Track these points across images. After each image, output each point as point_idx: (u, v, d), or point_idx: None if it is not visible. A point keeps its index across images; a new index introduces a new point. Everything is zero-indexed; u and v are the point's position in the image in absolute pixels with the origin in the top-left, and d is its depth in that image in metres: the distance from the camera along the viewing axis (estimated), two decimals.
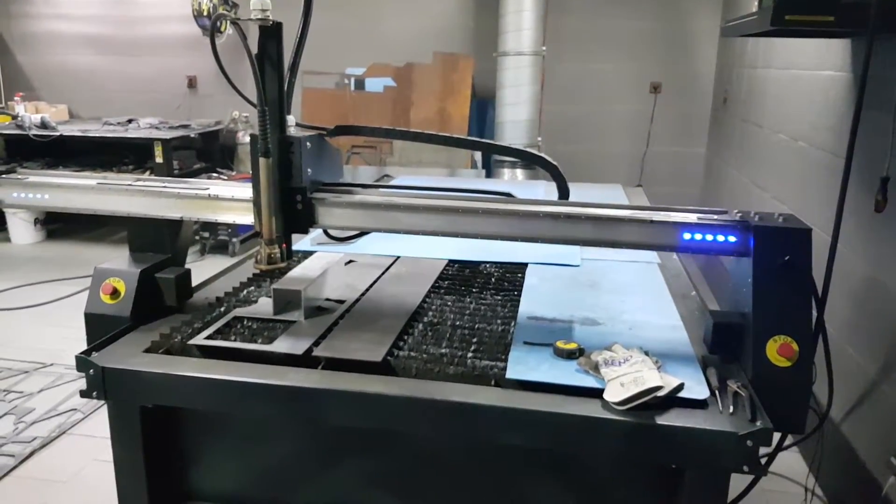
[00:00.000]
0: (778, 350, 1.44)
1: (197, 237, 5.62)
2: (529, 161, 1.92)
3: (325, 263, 1.98)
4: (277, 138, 1.61)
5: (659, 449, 1.33)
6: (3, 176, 1.91)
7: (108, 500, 1.65)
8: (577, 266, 2.32)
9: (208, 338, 1.61)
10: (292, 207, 1.66)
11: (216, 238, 5.70)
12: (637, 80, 6.07)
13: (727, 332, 1.58)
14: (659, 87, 6.07)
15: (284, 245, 1.67)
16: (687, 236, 1.56)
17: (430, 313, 1.85)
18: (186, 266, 1.91)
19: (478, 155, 5.68)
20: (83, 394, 1.47)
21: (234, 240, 5.70)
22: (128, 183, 1.84)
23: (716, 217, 1.58)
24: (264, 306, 1.80)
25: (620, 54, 6.05)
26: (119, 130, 5.99)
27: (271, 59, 1.59)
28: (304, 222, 1.69)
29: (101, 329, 1.66)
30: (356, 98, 5.70)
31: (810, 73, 3.32)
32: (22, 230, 6.10)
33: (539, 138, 5.58)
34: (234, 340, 1.60)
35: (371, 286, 2.04)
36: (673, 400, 1.37)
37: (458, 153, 5.48)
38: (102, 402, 1.51)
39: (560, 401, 1.38)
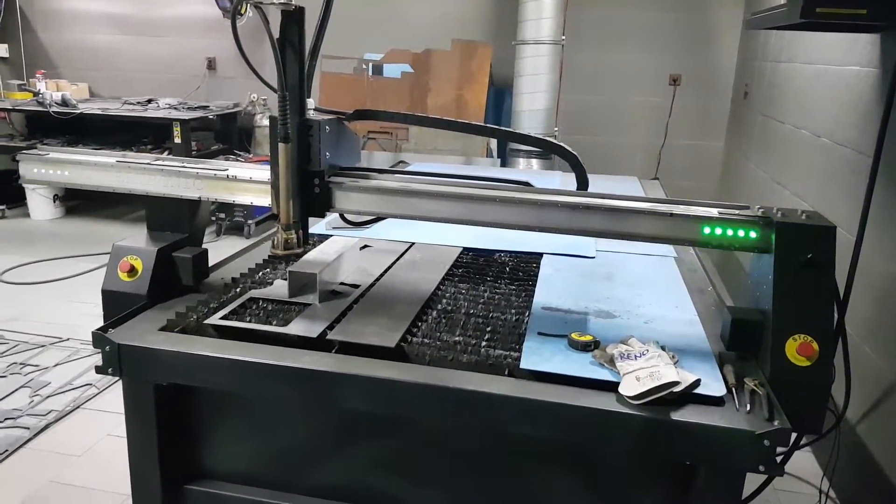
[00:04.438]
0: (798, 349, 1.42)
1: (213, 218, 5.65)
2: (549, 150, 1.89)
3: (341, 247, 1.97)
4: (297, 122, 1.60)
5: (673, 445, 1.31)
6: (25, 151, 1.92)
7: (120, 475, 1.67)
8: (593, 258, 2.31)
9: (224, 318, 1.61)
10: (310, 191, 1.66)
11: (232, 219, 5.72)
12: (656, 71, 6.00)
13: (745, 328, 1.55)
14: (678, 80, 5.99)
15: (301, 231, 1.67)
16: (707, 230, 1.54)
17: (444, 301, 1.84)
18: (203, 246, 1.91)
19: (493, 143, 5.65)
20: (98, 370, 1.48)
21: (250, 222, 5.72)
22: (147, 162, 1.85)
23: (737, 212, 1.56)
24: (279, 289, 1.80)
25: (640, 45, 5.97)
26: (138, 110, 6.00)
27: (293, 43, 1.58)
28: (322, 206, 1.69)
29: (117, 306, 1.66)
30: (374, 83, 5.67)
31: (836, 68, 3.25)
32: (41, 206, 6.15)
33: (556, 128, 5.53)
34: (250, 321, 1.60)
35: (385, 271, 2.04)
36: (689, 396, 1.36)
37: (474, 141, 5.45)
38: (117, 378, 1.52)
39: (575, 393, 1.37)
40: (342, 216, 2.43)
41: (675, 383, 1.35)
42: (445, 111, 5.47)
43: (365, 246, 2.25)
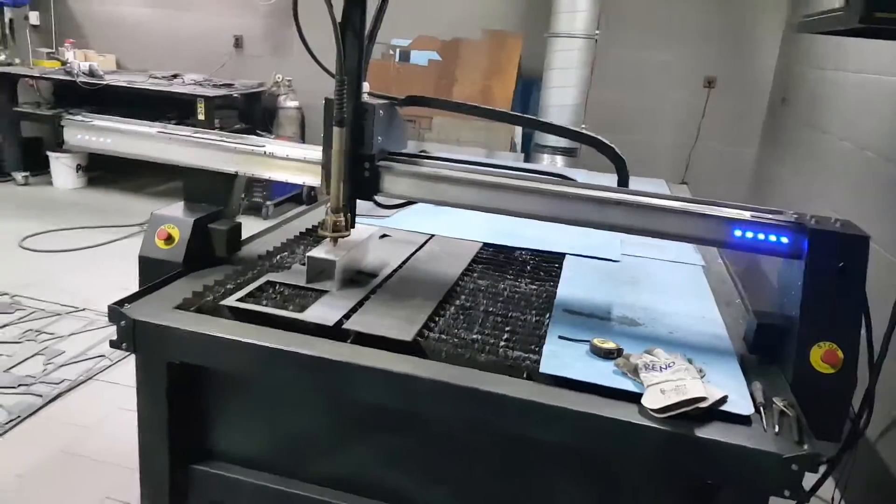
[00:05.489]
0: (823, 356, 1.40)
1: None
2: (591, 144, 1.86)
3: (363, 235, 1.93)
4: (352, 105, 1.61)
5: (696, 462, 1.26)
6: (69, 117, 1.92)
7: (129, 449, 1.65)
8: (617, 262, 2.25)
9: (240, 300, 1.58)
10: (360, 174, 1.68)
11: (251, 199, 5.72)
12: (691, 72, 5.88)
13: (770, 333, 1.56)
14: (713, 82, 5.87)
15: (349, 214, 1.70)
16: (738, 233, 1.53)
17: (463, 296, 1.79)
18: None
19: (517, 137, 5.58)
20: (113, 344, 1.46)
21: (269, 203, 5.71)
22: (187, 134, 1.88)
23: (770, 216, 1.54)
24: (298, 273, 1.77)
25: (676, 44, 5.85)
26: (163, 84, 5.99)
27: (354, 27, 1.59)
28: (370, 189, 1.72)
29: (153, 272, 1.70)
30: (400, 70, 5.61)
31: (889, 78, 3.14)
32: (64, 175, 6.18)
33: (583, 125, 5.44)
34: (266, 305, 1.57)
35: (404, 262, 2.00)
36: (714, 413, 1.30)
37: (498, 134, 5.38)
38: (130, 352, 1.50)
39: (596, 401, 1.32)
40: (375, 201, 2.42)
41: (702, 399, 1.29)
42: (471, 101, 5.40)
43: (384, 235, 2.21)
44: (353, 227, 1.76)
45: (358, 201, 1.78)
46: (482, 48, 5.64)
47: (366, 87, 1.69)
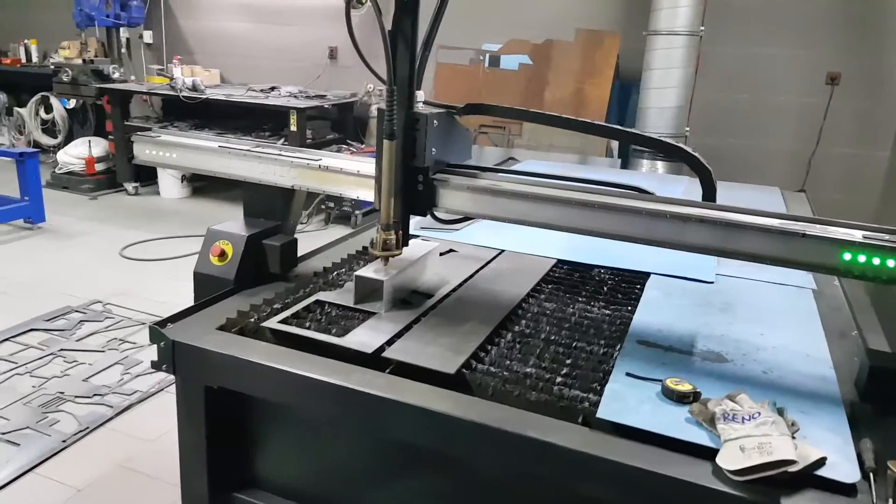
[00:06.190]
0: None
1: (323, 206, 5.77)
2: (663, 151, 1.66)
3: (421, 251, 1.83)
4: (404, 115, 1.53)
5: None
6: (139, 133, 1.99)
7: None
8: (711, 283, 2.00)
9: (283, 321, 1.52)
10: (413, 188, 1.59)
11: (340, 209, 5.81)
12: (811, 68, 5.32)
13: (888, 377, 1.32)
14: (837, 79, 5.28)
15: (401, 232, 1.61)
16: (847, 257, 1.29)
17: (524, 322, 1.64)
18: (303, 232, 1.89)
19: (614, 143, 5.29)
20: (154, 365, 1.44)
21: (357, 212, 5.78)
22: (246, 148, 1.87)
23: (888, 237, 1.28)
24: (350, 292, 1.69)
25: (793, 38, 5.32)
26: (259, 97, 6.24)
27: (405, 35, 1.52)
28: (425, 204, 1.61)
29: (206, 289, 1.70)
30: (490, 75, 5.49)
31: None
32: (170, 185, 6.57)
33: (686, 128, 5.08)
34: (309, 328, 1.50)
35: (465, 281, 1.87)
36: (808, 477, 1.08)
37: (593, 139, 5.12)
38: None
39: (659, 456, 1.14)
40: (433, 215, 2.32)
41: (792, 462, 1.07)
42: (563, 106, 5.18)
43: (449, 250, 2.10)
44: (406, 244, 1.65)
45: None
46: (576, 49, 5.41)
47: (420, 95, 1.60)
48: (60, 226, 5.53)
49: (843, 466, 1.11)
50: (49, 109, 7.07)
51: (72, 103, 6.86)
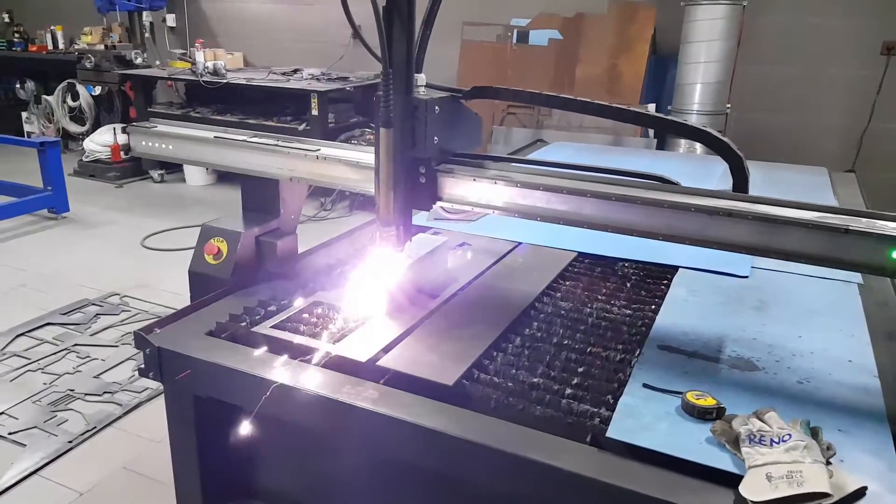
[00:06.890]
0: None
1: (346, 193, 5.64)
2: (687, 136, 1.50)
3: (429, 247, 1.72)
4: (402, 102, 1.40)
5: None
6: (134, 124, 1.92)
7: None
8: (745, 277, 1.84)
9: (276, 325, 1.44)
10: (414, 180, 1.47)
11: (364, 195, 5.66)
12: (865, 37, 4.96)
13: None
14: (894, 48, 4.91)
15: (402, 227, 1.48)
16: None
17: (535, 324, 1.53)
18: (325, 220, 1.83)
19: None
20: (141, 372, 1.38)
21: None
22: (243, 138, 1.77)
23: None
24: (348, 293, 1.60)
25: (845, 5, 4.96)
26: (280, 80, 6.02)
27: (401, 13, 1.38)
28: (428, 197, 1.49)
29: (202, 288, 1.63)
30: (517, 52, 5.28)
31: None
32: (195, 172, 6.47)
33: (728, 105, 4.80)
34: (303, 333, 1.42)
35: (477, 277, 1.77)
36: None
37: None
38: None
39: (675, 483, 1.02)
40: (443, 209, 2.20)
41: (826, 496, 0.94)
42: (595, 84, 4.96)
43: (463, 243, 1.99)
44: (409, 240, 1.54)
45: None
46: (609, 23, 5.15)
47: (421, 79, 1.46)
48: (84, 215, 5.52)
49: (886, 500, 0.97)
50: (76, 97, 7.03)
51: (97, 90, 6.83)
